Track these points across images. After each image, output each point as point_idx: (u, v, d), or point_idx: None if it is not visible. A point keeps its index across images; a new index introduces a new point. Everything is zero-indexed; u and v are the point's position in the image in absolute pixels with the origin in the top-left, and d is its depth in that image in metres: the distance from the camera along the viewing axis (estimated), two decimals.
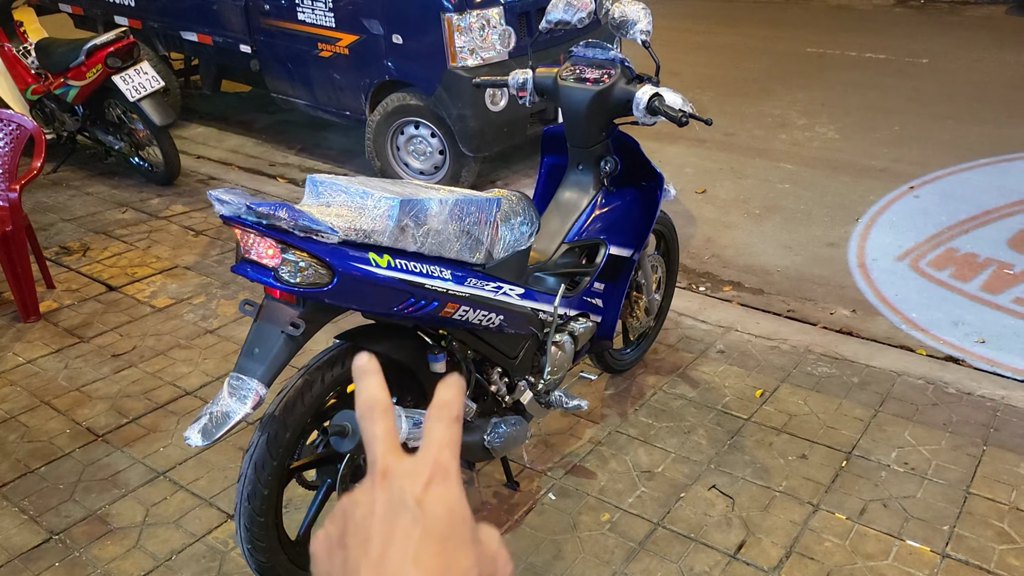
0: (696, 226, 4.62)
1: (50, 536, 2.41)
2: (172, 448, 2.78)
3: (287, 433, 1.85)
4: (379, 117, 4.92)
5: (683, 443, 2.77)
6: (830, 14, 10.10)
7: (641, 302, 3.00)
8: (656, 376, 3.16)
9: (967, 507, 2.46)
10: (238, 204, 1.65)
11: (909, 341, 3.46)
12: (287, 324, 1.78)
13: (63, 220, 4.62)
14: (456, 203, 1.97)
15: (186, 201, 4.89)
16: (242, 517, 1.87)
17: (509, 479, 2.58)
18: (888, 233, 4.43)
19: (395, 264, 1.84)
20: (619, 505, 2.50)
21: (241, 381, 1.77)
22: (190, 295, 3.79)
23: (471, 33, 4.51)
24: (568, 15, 2.56)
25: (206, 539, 2.40)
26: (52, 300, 3.75)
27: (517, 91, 2.69)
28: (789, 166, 5.40)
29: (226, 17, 5.46)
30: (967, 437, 2.76)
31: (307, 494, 2.35)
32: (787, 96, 6.83)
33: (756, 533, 2.38)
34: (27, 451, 2.77)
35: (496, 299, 2.14)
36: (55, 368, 3.24)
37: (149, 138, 4.99)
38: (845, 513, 2.44)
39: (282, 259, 1.71)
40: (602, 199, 2.66)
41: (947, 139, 5.71)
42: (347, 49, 4.87)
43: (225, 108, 6.94)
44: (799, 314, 3.70)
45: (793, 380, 3.11)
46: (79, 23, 6.87)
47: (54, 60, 4.96)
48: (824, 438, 2.78)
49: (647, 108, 2.43)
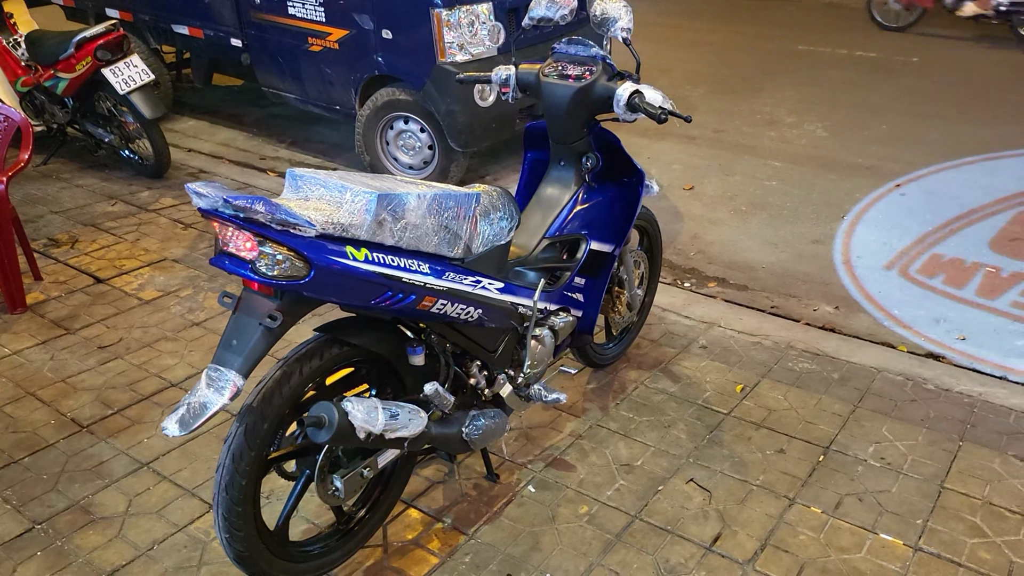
0: (683, 222, 4.65)
1: (33, 525, 2.43)
2: (156, 439, 2.79)
3: (265, 424, 1.87)
4: (369, 112, 4.93)
5: (663, 437, 2.80)
6: (821, 12, 10.12)
7: (623, 297, 3.02)
8: (638, 371, 3.18)
9: (941, 501, 2.49)
10: (215, 197, 1.66)
11: (890, 338, 3.50)
12: (265, 316, 1.80)
13: (52, 212, 4.63)
14: (434, 198, 1.99)
15: (176, 194, 4.89)
16: (220, 507, 1.89)
17: (489, 471, 2.60)
18: (873, 231, 4.47)
19: (372, 258, 1.86)
20: (597, 498, 2.53)
21: (219, 372, 1.79)
22: (177, 288, 3.81)
23: (460, 29, 4.52)
24: (551, 12, 2.57)
25: (187, 529, 2.42)
26: (39, 292, 3.77)
27: (500, 87, 2.71)
28: (777, 163, 5.43)
29: (217, 11, 5.47)
30: (944, 433, 2.79)
31: (287, 485, 2.37)
32: (777, 94, 6.86)
33: (732, 526, 2.41)
34: (11, 441, 2.78)
35: (475, 293, 2.16)
36: (41, 359, 3.25)
37: (139, 131, 4.99)
38: (820, 507, 2.47)
39: (259, 252, 1.72)
40: (583, 195, 2.68)
41: (935, 138, 5.74)
42: (337, 44, 4.88)
43: (216, 101, 6.94)
44: (782, 310, 3.73)
45: (774, 376, 3.14)
46: (70, 15, 6.86)
47: (44, 52, 4.96)
48: (802, 433, 2.81)
49: (627, 105, 2.45)
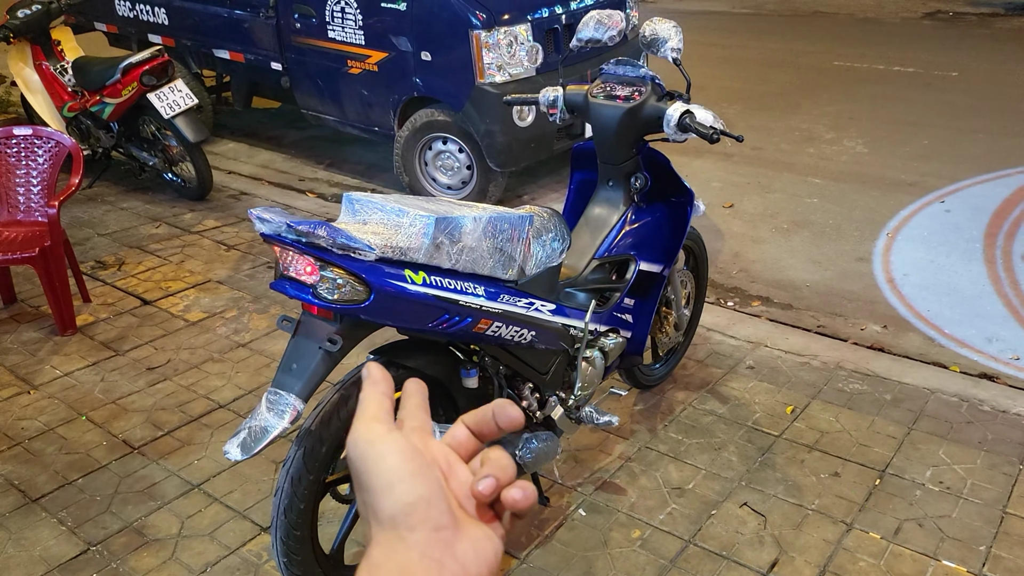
0: (724, 240, 4.62)
1: (88, 547, 2.45)
2: (206, 460, 2.81)
3: (323, 447, 1.87)
4: (407, 133, 4.97)
5: (713, 460, 2.76)
6: (858, 27, 10.05)
7: (671, 318, 3.00)
8: (685, 392, 3.15)
9: (1004, 527, 2.42)
10: (278, 223, 1.68)
11: (942, 357, 3.43)
12: (324, 340, 1.80)
13: (98, 235, 4.71)
14: (489, 220, 1.99)
15: (218, 216, 4.96)
16: (278, 530, 1.89)
17: (540, 494, 2.58)
18: (919, 247, 4.40)
19: (430, 281, 1.86)
20: (650, 522, 2.50)
21: (279, 396, 1.80)
22: (222, 309, 3.85)
23: (499, 50, 4.55)
24: (599, 33, 2.58)
25: (240, 551, 2.42)
26: (88, 314, 3.82)
27: (548, 108, 2.72)
28: (817, 180, 5.37)
29: (258, 35, 5.56)
30: (1003, 456, 2.73)
31: (340, 508, 2.37)
32: (814, 110, 6.80)
33: (789, 552, 2.36)
34: (65, 463, 2.82)
35: (528, 315, 2.15)
36: (92, 381, 3.29)
37: (182, 154, 5.07)
38: (879, 532, 2.42)
39: (320, 276, 1.73)
40: (632, 215, 2.67)
41: (978, 153, 5.66)
42: (376, 66, 4.93)
43: (255, 124, 7.04)
44: (829, 330, 3.68)
45: (824, 397, 3.09)
46: (113, 41, 7.01)
47: (90, 78, 5.06)
48: (857, 456, 2.76)
49: (678, 125, 2.44)
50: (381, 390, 0.55)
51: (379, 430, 0.52)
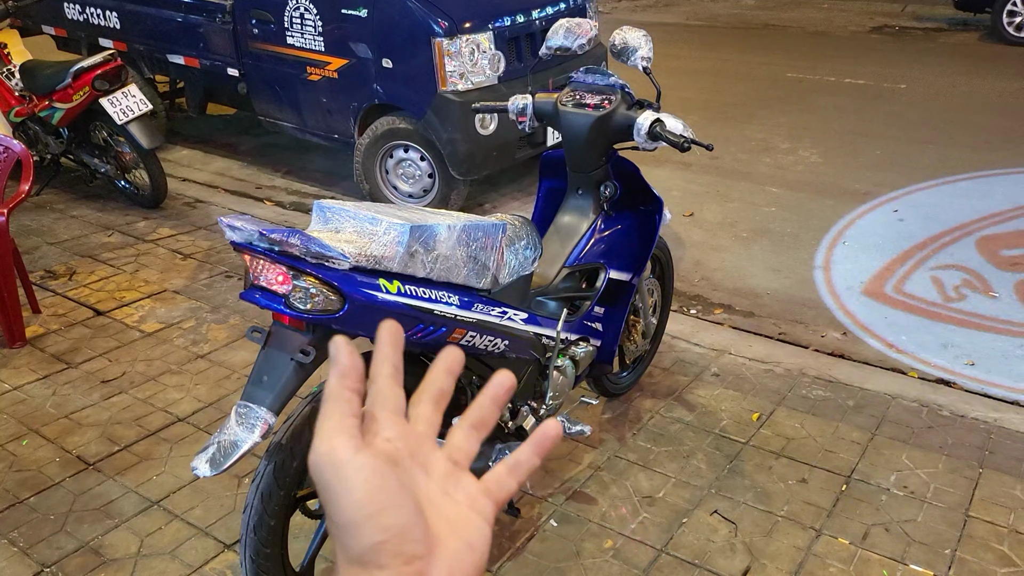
0: (685, 249, 4.65)
1: (42, 569, 2.35)
2: (165, 476, 2.73)
3: (294, 462, 1.82)
4: (368, 140, 4.92)
5: (683, 467, 2.77)
6: (808, 40, 10.26)
7: (639, 326, 3.00)
8: (653, 400, 3.16)
9: (967, 530, 2.47)
10: (250, 231, 1.63)
11: (901, 364, 3.49)
12: (297, 351, 1.76)
13: (48, 243, 4.56)
14: (463, 228, 1.96)
15: (173, 224, 4.84)
16: (247, 548, 1.83)
17: (510, 506, 2.55)
18: (872, 254, 4.49)
19: (405, 290, 1.83)
20: (621, 531, 2.49)
21: (249, 409, 1.75)
22: (180, 319, 3.75)
23: (461, 58, 4.52)
24: (568, 41, 2.58)
25: (203, 570, 2.35)
26: (38, 325, 3.69)
27: (517, 116, 2.70)
28: (774, 189, 5.46)
29: (214, 41, 5.45)
30: (963, 460, 2.78)
31: (309, 523, 2.31)
32: (769, 120, 6.92)
33: (760, 559, 2.37)
34: (16, 480, 2.70)
35: (501, 324, 2.13)
36: (43, 395, 3.18)
37: (135, 161, 4.94)
38: (848, 538, 2.44)
39: (293, 286, 1.69)
40: (602, 223, 2.67)
41: (927, 163, 5.80)
42: (336, 73, 4.87)
43: (210, 130, 6.90)
44: (790, 337, 3.72)
45: (789, 403, 3.12)
46: (61, 45, 6.81)
47: (40, 82, 4.91)
48: (823, 462, 2.79)
49: (648, 134, 2.45)
50: (347, 385, 0.49)
51: (343, 450, 0.47)
